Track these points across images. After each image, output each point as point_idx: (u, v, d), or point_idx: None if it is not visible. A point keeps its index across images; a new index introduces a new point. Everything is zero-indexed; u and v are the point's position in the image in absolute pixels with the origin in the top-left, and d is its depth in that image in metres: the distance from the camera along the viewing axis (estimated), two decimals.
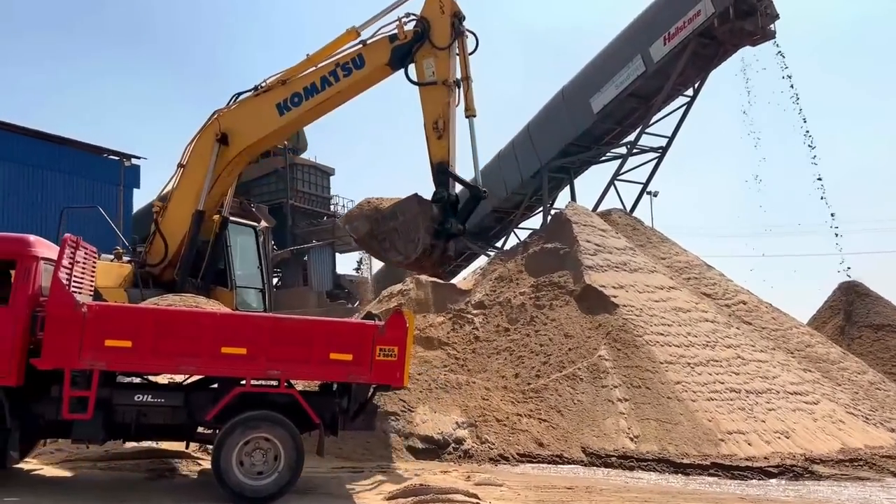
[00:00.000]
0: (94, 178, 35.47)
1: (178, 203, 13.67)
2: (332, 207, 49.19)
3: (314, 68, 11.40)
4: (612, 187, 26.05)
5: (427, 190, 10.59)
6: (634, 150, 25.61)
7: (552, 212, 26.50)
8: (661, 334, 13.81)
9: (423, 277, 15.96)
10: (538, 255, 15.65)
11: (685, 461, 10.99)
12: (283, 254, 37.84)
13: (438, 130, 10.34)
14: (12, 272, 7.33)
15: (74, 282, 7.33)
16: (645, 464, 10.96)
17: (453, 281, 19.78)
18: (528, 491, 8.72)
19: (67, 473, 8.19)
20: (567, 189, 29.30)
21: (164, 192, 14.39)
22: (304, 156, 48.65)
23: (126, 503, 6.89)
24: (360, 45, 11.00)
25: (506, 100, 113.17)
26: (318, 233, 45.25)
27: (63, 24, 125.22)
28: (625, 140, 26.40)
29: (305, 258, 43.85)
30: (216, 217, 13.82)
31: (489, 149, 30.34)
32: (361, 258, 50.84)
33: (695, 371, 13.19)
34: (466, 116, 10.66)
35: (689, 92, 24.43)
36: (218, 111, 12.63)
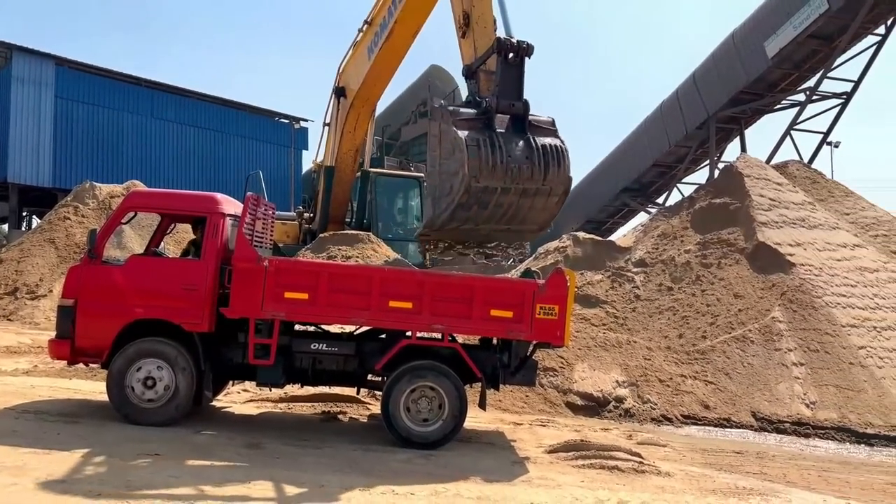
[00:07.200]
0: (266, 141, 38.10)
1: (325, 161, 14.61)
2: None
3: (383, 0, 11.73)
4: (789, 137, 24.32)
5: None
6: (814, 97, 23.68)
7: (720, 165, 25.15)
8: (843, 296, 12.75)
9: (581, 234, 15.70)
10: (705, 211, 14.82)
11: (869, 431, 10.27)
12: None
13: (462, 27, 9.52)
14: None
15: (256, 237, 7.88)
16: (823, 432, 10.37)
17: (612, 238, 19.32)
18: (694, 453, 8.46)
19: (252, 412, 8.93)
20: (736, 141, 27.69)
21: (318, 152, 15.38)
22: None
23: (304, 441, 7.39)
24: None
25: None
26: None
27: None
28: (803, 86, 24.42)
29: None
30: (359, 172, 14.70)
31: None
32: None
33: (882, 336, 12.13)
34: None
35: (881, 30, 22.08)
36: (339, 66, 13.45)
